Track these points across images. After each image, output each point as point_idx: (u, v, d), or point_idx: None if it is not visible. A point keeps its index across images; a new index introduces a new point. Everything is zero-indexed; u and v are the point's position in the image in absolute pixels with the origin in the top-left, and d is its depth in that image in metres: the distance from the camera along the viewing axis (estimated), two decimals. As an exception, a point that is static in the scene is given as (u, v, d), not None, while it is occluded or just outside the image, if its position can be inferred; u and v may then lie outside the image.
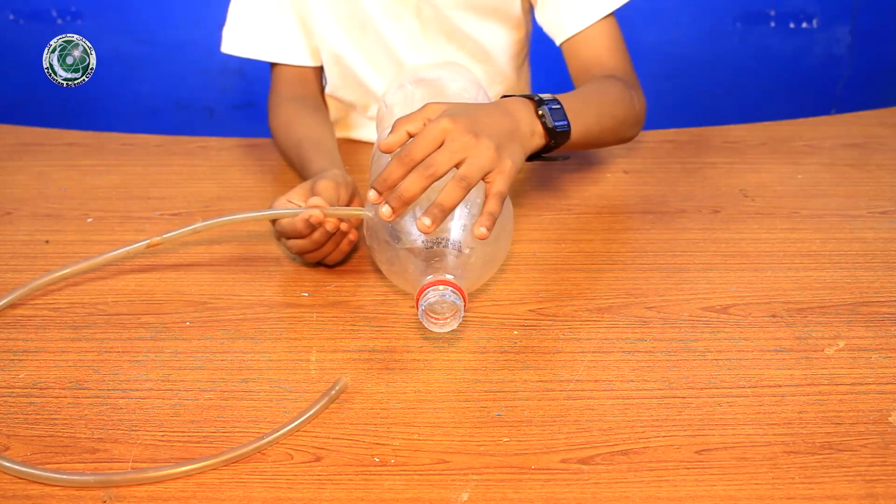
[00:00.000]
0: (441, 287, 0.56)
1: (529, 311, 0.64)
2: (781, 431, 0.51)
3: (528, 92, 1.03)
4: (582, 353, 0.59)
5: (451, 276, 0.57)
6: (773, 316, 0.63)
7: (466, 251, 0.59)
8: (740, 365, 0.57)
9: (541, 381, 0.56)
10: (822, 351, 0.59)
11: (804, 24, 2.02)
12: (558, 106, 0.68)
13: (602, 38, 0.87)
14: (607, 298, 0.65)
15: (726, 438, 0.51)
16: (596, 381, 0.56)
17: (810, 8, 2.01)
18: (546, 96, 0.68)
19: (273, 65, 0.96)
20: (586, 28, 0.86)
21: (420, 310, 0.56)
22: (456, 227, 0.59)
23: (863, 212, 0.79)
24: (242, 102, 2.08)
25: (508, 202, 0.62)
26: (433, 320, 0.57)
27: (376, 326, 0.62)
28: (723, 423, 0.52)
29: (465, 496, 0.47)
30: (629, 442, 0.51)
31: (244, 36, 0.94)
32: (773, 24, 2.03)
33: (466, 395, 0.55)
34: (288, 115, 0.91)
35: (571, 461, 0.49)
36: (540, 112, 0.66)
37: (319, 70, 0.98)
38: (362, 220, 0.67)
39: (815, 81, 2.07)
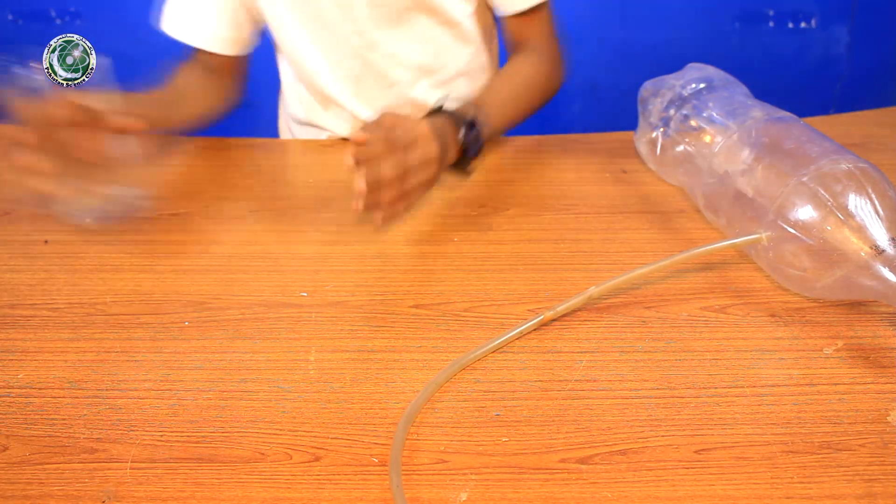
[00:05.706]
0: None
1: (529, 311, 0.64)
2: (780, 431, 0.51)
3: (496, 58, 1.09)
4: (580, 352, 0.59)
5: None
6: (772, 315, 0.63)
7: None
8: (739, 364, 0.58)
9: (539, 381, 0.56)
10: (821, 350, 0.59)
11: (803, 24, 2.02)
12: (475, 131, 0.79)
13: (541, 21, 0.97)
14: (606, 298, 0.65)
15: (725, 438, 0.51)
16: (594, 380, 0.56)
17: (809, 7, 2.01)
18: (470, 113, 0.79)
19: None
20: (529, 9, 0.96)
21: None
22: None
23: (861, 211, 0.79)
24: (241, 102, 2.08)
25: None
26: None
27: (375, 326, 0.62)
28: (721, 422, 0.52)
29: (463, 496, 0.47)
30: (628, 442, 0.51)
31: (175, 17, 0.99)
32: (771, 24, 2.03)
33: (465, 395, 0.55)
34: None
35: (570, 461, 0.49)
36: (459, 138, 0.78)
37: (240, 58, 1.03)
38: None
39: (813, 81, 2.07)
